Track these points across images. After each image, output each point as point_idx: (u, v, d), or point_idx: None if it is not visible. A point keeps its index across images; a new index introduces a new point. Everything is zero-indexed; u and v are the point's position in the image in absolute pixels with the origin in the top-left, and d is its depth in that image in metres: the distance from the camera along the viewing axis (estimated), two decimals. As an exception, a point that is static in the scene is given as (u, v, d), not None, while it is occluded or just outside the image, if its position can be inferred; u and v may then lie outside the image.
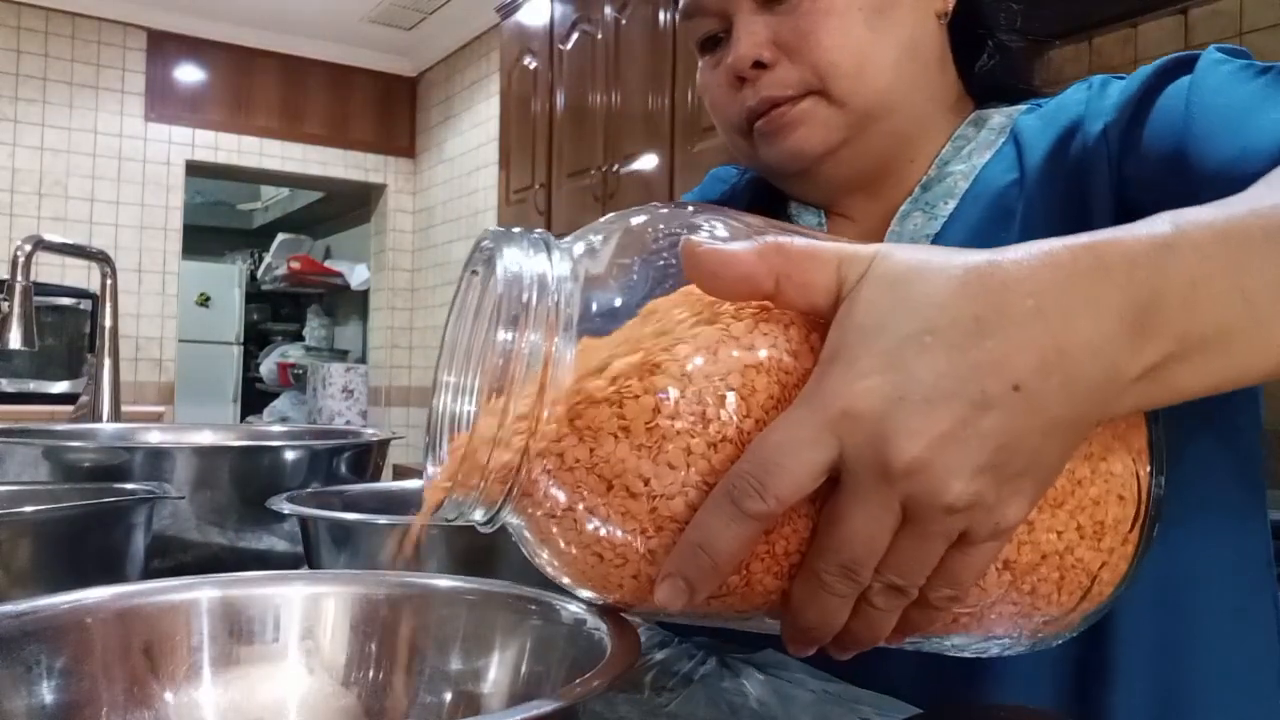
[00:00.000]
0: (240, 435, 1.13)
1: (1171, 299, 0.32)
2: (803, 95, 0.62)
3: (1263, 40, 1.83)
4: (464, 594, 0.44)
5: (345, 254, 6.39)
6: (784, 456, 0.30)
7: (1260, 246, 0.33)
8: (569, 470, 0.33)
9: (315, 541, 0.61)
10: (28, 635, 0.38)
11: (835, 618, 0.33)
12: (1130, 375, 0.31)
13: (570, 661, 0.38)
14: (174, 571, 0.70)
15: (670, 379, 0.32)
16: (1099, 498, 0.36)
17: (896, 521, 0.31)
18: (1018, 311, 0.30)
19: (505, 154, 3.64)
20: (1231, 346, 0.33)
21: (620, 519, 0.33)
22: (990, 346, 0.30)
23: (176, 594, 0.43)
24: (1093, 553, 0.37)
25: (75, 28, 4.42)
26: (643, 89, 2.87)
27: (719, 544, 0.31)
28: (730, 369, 0.32)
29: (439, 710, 0.42)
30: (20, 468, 0.76)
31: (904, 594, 0.32)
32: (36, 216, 4.30)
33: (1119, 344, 0.31)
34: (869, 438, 0.30)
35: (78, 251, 1.39)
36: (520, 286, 0.33)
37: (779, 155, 0.65)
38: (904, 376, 0.30)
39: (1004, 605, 0.37)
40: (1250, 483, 0.60)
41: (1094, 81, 0.63)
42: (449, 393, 0.35)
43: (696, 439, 0.32)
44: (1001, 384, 0.30)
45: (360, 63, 5.08)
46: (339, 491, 0.72)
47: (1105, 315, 0.31)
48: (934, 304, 0.30)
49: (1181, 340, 0.32)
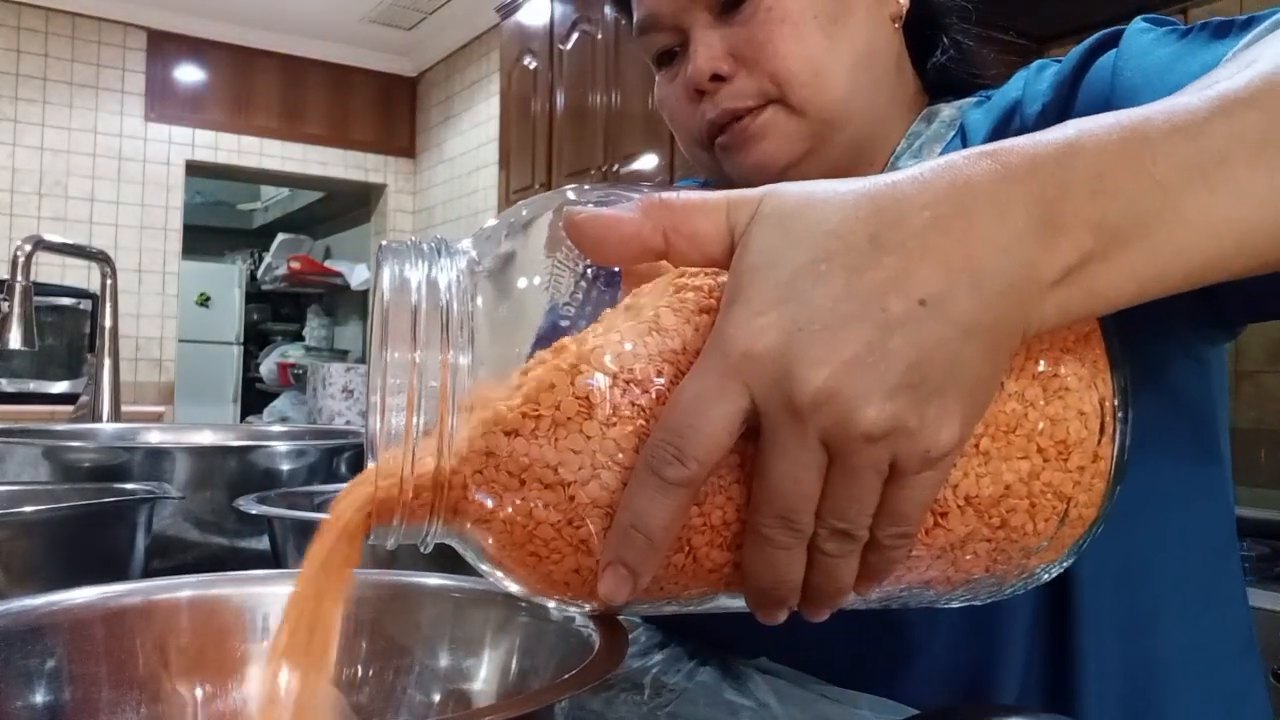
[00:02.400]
0: (240, 435, 1.13)
1: (1078, 190, 0.30)
2: (762, 106, 0.62)
3: (1260, 41, 1.84)
4: (453, 592, 0.44)
5: (345, 254, 6.38)
6: (694, 416, 0.29)
7: (1166, 133, 0.32)
8: (480, 473, 0.32)
9: (282, 542, 0.61)
10: (18, 635, 0.39)
11: (789, 573, 0.32)
12: (1048, 277, 0.30)
13: (559, 660, 0.39)
14: (174, 571, 0.70)
15: (575, 369, 0.31)
16: (1056, 416, 0.34)
17: (821, 461, 0.29)
18: (915, 223, 0.29)
19: (505, 154, 3.65)
20: (1151, 236, 0.31)
21: (542, 511, 0.32)
22: (889, 263, 0.29)
23: (166, 593, 0.43)
24: (1061, 474, 0.35)
25: (75, 28, 4.42)
26: (643, 89, 2.87)
27: (650, 520, 0.30)
28: (637, 349, 0.32)
29: (428, 708, 0.42)
30: (20, 468, 0.76)
31: (852, 538, 0.31)
32: (36, 216, 4.30)
33: (1028, 242, 0.30)
34: (773, 376, 0.28)
35: (78, 251, 1.39)
36: (408, 298, 0.32)
37: (743, 168, 0.64)
38: (800, 307, 0.29)
39: (977, 544, 0.35)
40: (1210, 453, 0.59)
41: (1033, 66, 0.63)
42: (376, 414, 0.33)
43: (591, 421, 0.31)
44: (905, 299, 0.29)
45: (360, 63, 5.08)
46: (309, 492, 0.72)
47: (1010, 213, 0.30)
48: (826, 231, 0.30)
49: (1096, 232, 0.31)
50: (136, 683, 0.41)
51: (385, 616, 0.44)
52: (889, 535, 0.31)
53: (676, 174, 2.73)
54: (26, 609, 0.40)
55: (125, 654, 0.41)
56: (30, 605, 0.40)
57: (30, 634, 0.39)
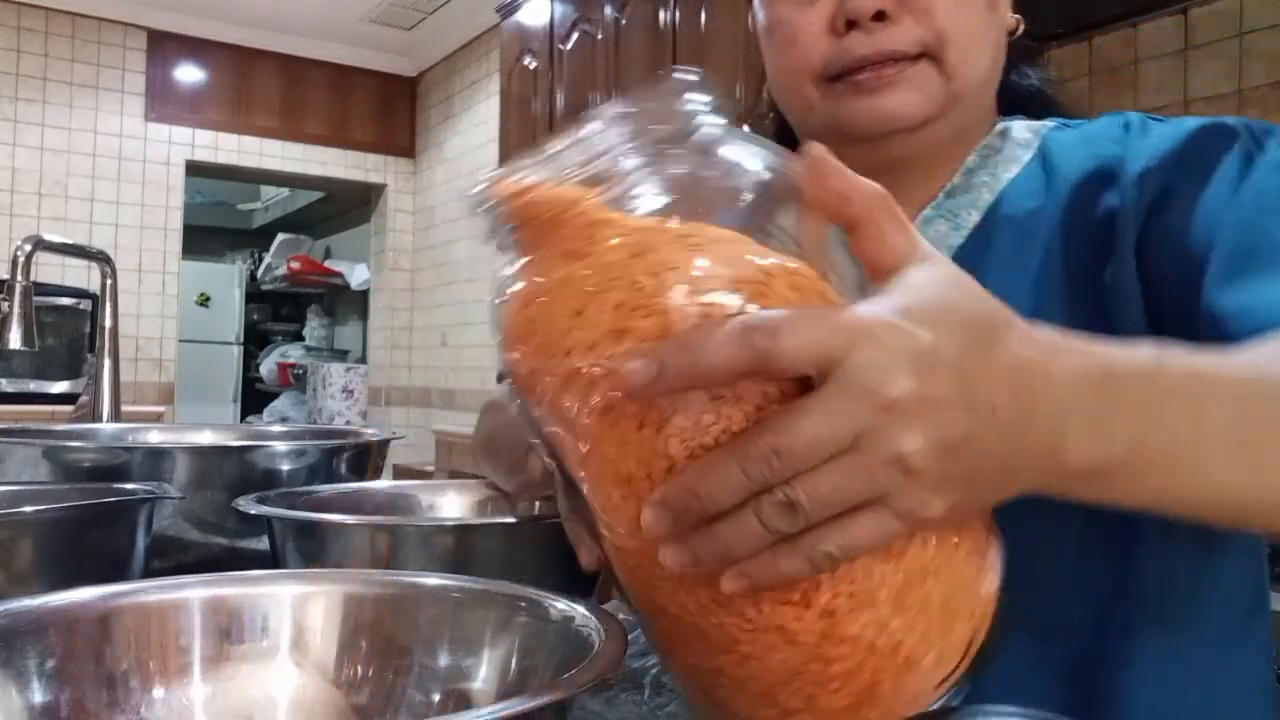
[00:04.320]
0: (240, 435, 1.13)
1: (1131, 411, 0.36)
2: (917, 57, 0.61)
3: (1263, 40, 1.84)
4: (452, 592, 0.44)
5: (345, 254, 6.39)
6: (802, 321, 0.31)
7: (1223, 397, 0.39)
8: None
9: (282, 542, 0.61)
10: (16, 634, 0.39)
11: (723, 494, 0.32)
12: (1073, 464, 0.35)
13: (559, 659, 0.39)
14: (174, 571, 0.70)
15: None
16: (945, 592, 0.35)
17: (844, 444, 0.31)
18: (1026, 356, 0.35)
19: (505, 154, 3.64)
20: (1172, 472, 0.38)
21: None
22: (995, 364, 0.34)
23: (166, 593, 0.43)
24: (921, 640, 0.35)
25: (75, 28, 4.42)
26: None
27: (710, 355, 0.31)
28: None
29: (428, 708, 0.42)
30: (20, 468, 0.76)
31: (794, 516, 0.31)
32: (36, 216, 4.30)
33: (1078, 428, 0.35)
34: (879, 358, 0.31)
35: (78, 251, 1.39)
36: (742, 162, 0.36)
37: (869, 112, 0.62)
38: (937, 338, 0.32)
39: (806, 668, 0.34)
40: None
41: (1132, 120, 0.63)
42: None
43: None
44: (989, 394, 0.33)
45: (360, 63, 5.08)
46: (305, 492, 0.72)
47: (1076, 399, 0.35)
48: (977, 311, 0.34)
49: (1130, 450, 0.36)
50: (136, 683, 0.41)
51: (385, 616, 0.44)
52: (819, 548, 0.32)
53: (676, 174, 2.72)
54: (26, 609, 0.40)
55: (124, 654, 0.41)
56: (30, 605, 0.40)
57: (30, 634, 0.39)
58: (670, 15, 2.75)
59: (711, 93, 0.38)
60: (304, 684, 0.43)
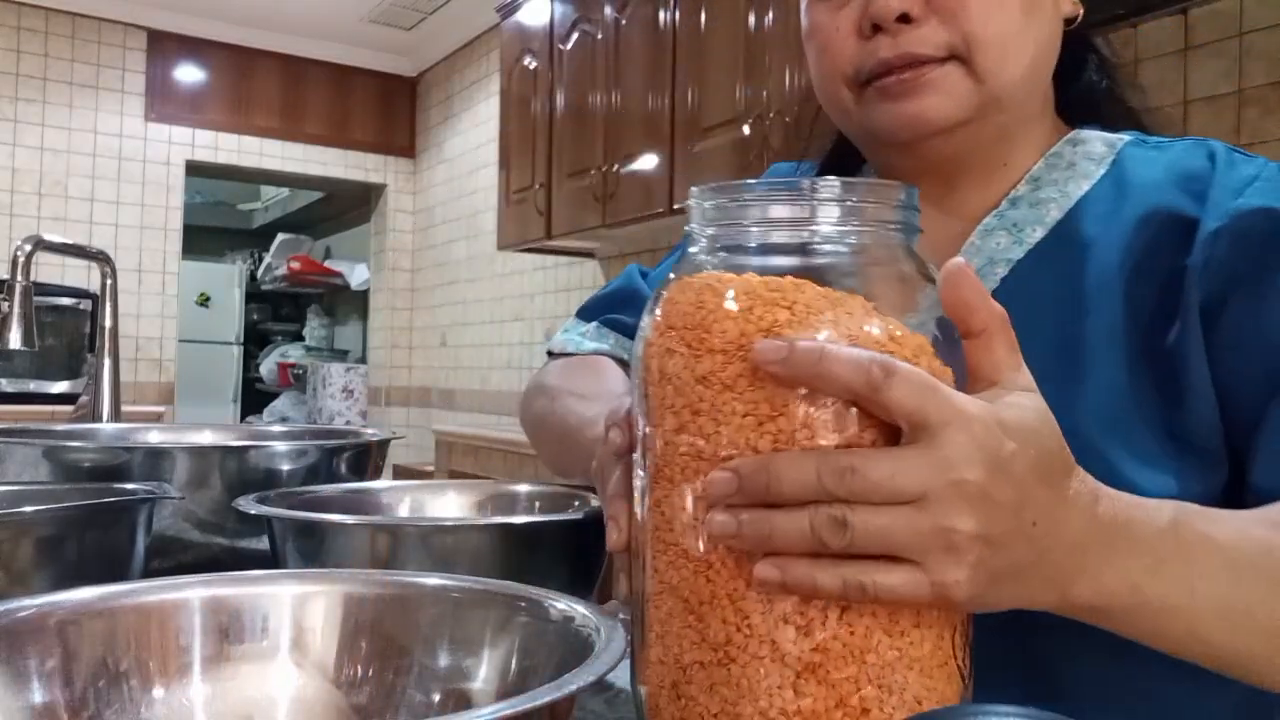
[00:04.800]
0: (240, 435, 1.13)
1: (1139, 561, 0.41)
2: (944, 60, 0.60)
3: (1263, 40, 1.84)
4: (452, 592, 0.44)
5: (345, 254, 6.39)
6: (918, 378, 0.35)
7: (1221, 564, 0.44)
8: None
9: (281, 542, 0.61)
10: (16, 634, 0.39)
11: (792, 484, 0.35)
12: (1077, 593, 0.40)
13: (559, 659, 0.39)
14: (174, 571, 0.70)
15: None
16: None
17: (908, 496, 0.35)
18: (1072, 495, 0.39)
19: (505, 154, 3.65)
20: (1163, 621, 0.43)
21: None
22: (1047, 491, 0.38)
23: (166, 593, 0.43)
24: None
25: (75, 28, 4.42)
26: (643, 89, 2.87)
27: (833, 364, 0.35)
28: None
29: (428, 708, 0.42)
30: (20, 468, 0.76)
31: (841, 533, 0.35)
32: (36, 216, 4.31)
33: (1092, 564, 0.40)
34: (966, 442, 0.35)
35: (78, 251, 1.39)
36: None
37: (899, 117, 0.61)
38: (1016, 451, 0.37)
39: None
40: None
41: (1218, 153, 0.62)
42: None
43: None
44: (1033, 512, 0.37)
45: (360, 63, 5.08)
46: (305, 492, 0.72)
47: (1097, 538, 0.40)
48: (1052, 448, 0.39)
49: (1132, 593, 0.41)
50: (136, 683, 0.41)
51: (385, 616, 0.44)
52: (850, 573, 0.35)
53: (676, 174, 2.73)
54: (26, 609, 0.40)
55: (124, 654, 0.41)
56: (30, 605, 0.40)
57: (30, 634, 0.39)
58: (670, 15, 2.75)
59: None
60: (304, 684, 0.43)
